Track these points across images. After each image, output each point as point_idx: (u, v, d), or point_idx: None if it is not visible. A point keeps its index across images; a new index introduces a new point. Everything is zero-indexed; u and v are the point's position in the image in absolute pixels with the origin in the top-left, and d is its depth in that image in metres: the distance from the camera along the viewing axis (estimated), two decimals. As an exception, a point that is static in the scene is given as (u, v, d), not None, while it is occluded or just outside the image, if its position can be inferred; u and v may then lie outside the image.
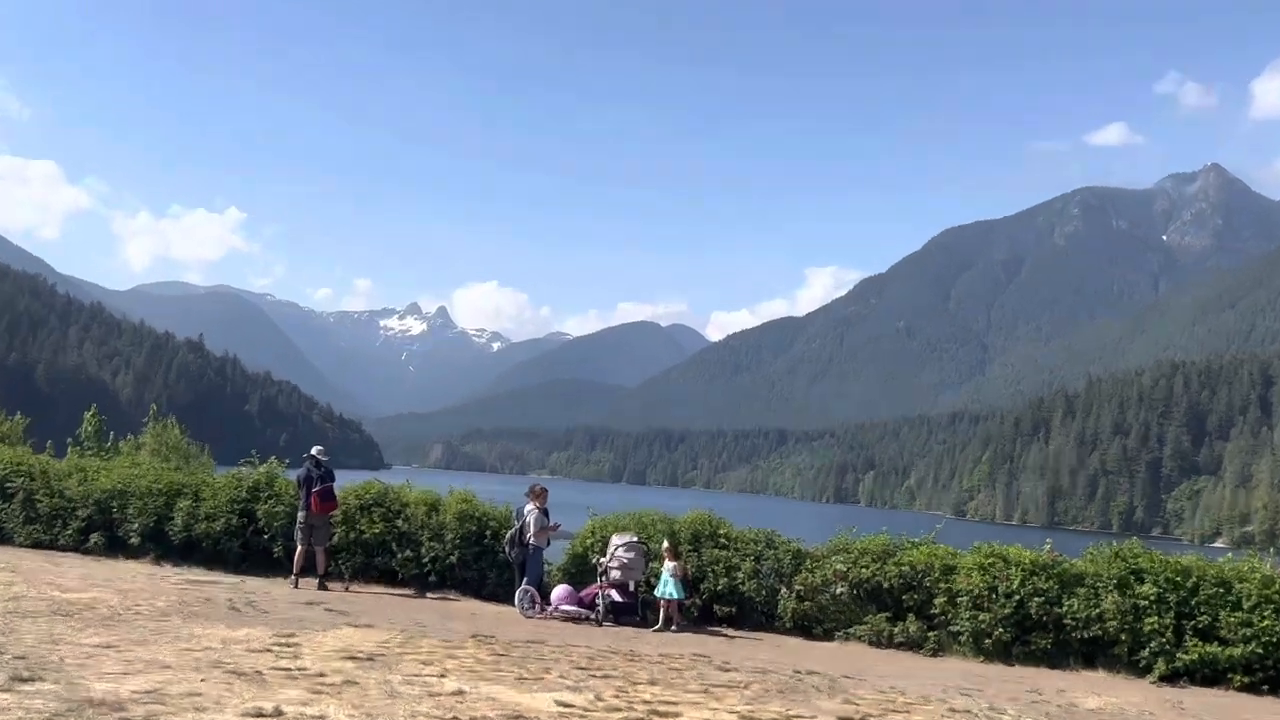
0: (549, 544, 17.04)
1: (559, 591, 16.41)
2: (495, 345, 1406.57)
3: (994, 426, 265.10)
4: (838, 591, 15.66)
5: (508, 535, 16.90)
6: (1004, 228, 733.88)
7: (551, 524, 16.99)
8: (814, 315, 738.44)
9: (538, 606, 16.09)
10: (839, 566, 15.77)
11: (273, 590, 16.43)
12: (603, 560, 16.26)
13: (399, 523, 18.20)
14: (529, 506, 16.87)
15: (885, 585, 15.42)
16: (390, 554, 18.09)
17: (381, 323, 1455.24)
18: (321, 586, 17.31)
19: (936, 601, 15.16)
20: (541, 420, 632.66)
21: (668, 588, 15.80)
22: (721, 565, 16.46)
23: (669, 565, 15.91)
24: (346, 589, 17.52)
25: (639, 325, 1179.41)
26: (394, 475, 21.46)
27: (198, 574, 17.96)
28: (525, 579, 16.46)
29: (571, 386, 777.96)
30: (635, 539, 16.56)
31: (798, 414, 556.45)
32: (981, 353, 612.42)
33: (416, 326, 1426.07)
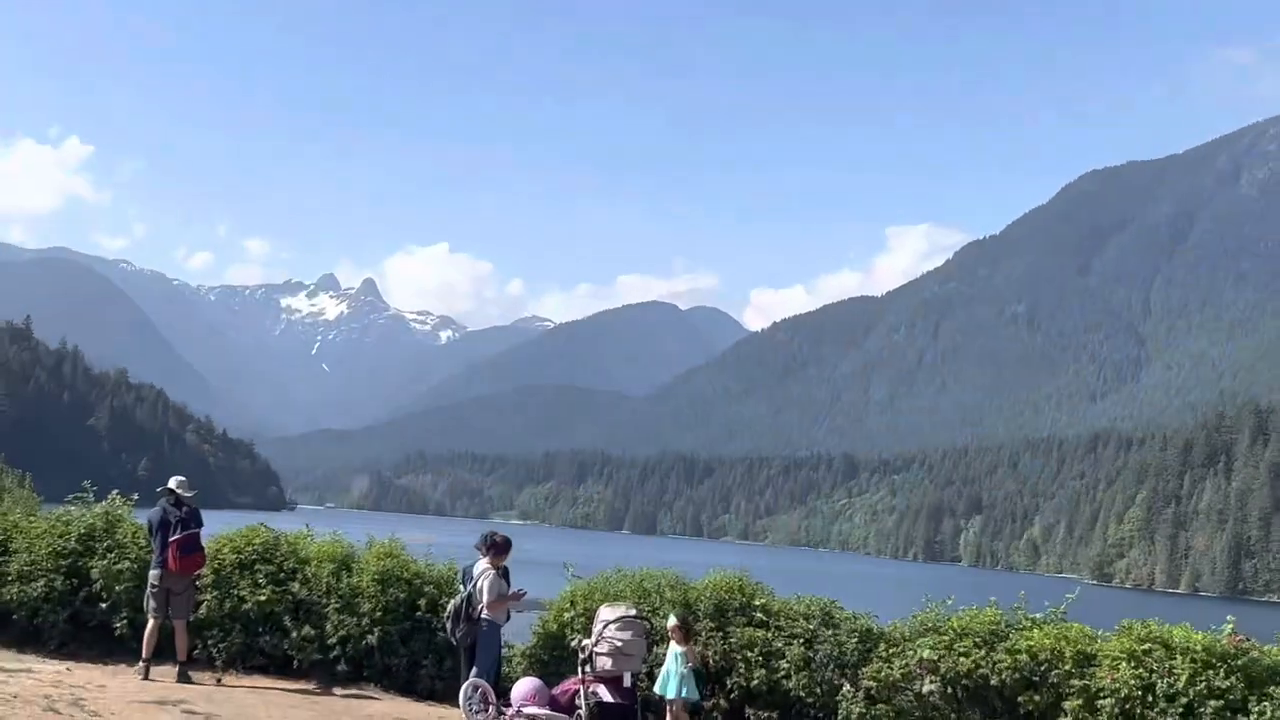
0: (509, 618, 16.85)
1: (524, 687, 16.08)
2: (445, 334, 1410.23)
3: (1152, 454, 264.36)
4: (925, 690, 15.52)
5: (450, 607, 16.64)
6: (1169, 172, 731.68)
7: (513, 590, 16.74)
8: (897, 294, 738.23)
9: (492, 708, 15.77)
10: (927, 654, 15.63)
11: (111, 683, 16.22)
12: (587, 643, 15.83)
13: (295, 586, 18.15)
14: (481, 564, 16.66)
15: (994, 682, 15.24)
16: (282, 632, 18.04)
17: (284, 302, 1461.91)
18: (183, 677, 17.22)
19: (1068, 706, 14.93)
20: (510, 442, 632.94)
21: (674, 683, 15.57)
22: (758, 651, 16.32)
23: (677, 651, 15.72)
24: (218, 681, 17.46)
25: (648, 308, 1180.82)
26: (298, 518, 21.34)
27: (4, 658, 17.79)
28: (475, 668, 16.20)
29: (553, 395, 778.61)
30: (633, 613, 16.03)
31: (873, 435, 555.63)
32: (1136, 348, 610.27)
33: (333, 308, 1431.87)
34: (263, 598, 18.02)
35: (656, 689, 15.82)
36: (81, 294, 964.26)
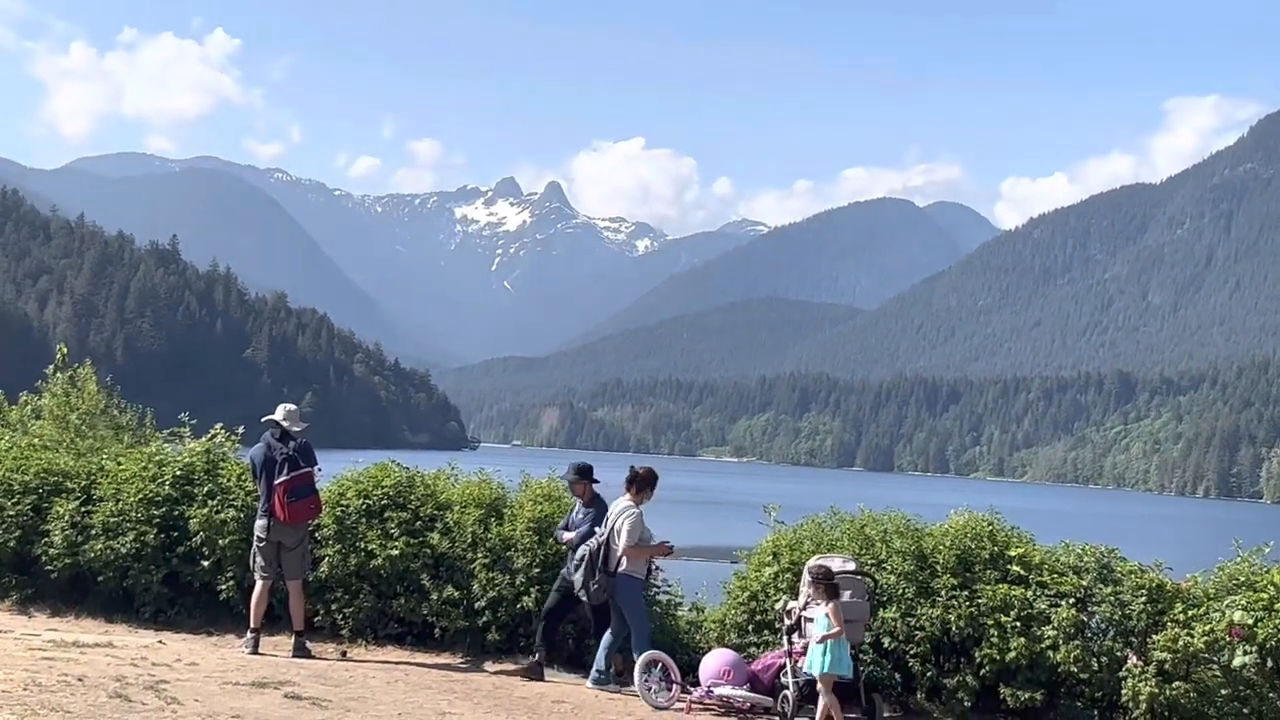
0: (651, 574, 16.98)
1: (716, 662, 16.00)
2: (642, 244, 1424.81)
3: None
4: (1236, 662, 14.71)
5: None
6: None
7: (659, 541, 16.81)
8: (1180, 180, 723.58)
9: (676, 687, 15.68)
10: (1239, 617, 14.74)
11: (208, 658, 16.00)
12: (794, 605, 15.62)
13: (434, 538, 17.92)
14: (622, 502, 16.74)
15: None
16: (420, 593, 17.83)
17: (458, 211, 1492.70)
18: (299, 650, 17.04)
19: None
20: (720, 367, 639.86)
21: (819, 657, 14.86)
22: (1016, 614, 15.67)
23: (823, 608, 14.94)
24: (343, 655, 17.36)
25: (880, 205, 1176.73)
26: (482, 458, 20.70)
27: (86, 628, 17.77)
28: (609, 634, 16.44)
29: (769, 310, 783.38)
30: (851, 567, 15.75)
31: (1153, 349, 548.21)
32: None
33: (514, 217, 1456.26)
34: (395, 552, 17.73)
35: (808, 669, 15.07)
36: (233, 209, 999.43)
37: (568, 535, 16.84)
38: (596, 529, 16.65)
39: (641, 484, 16.62)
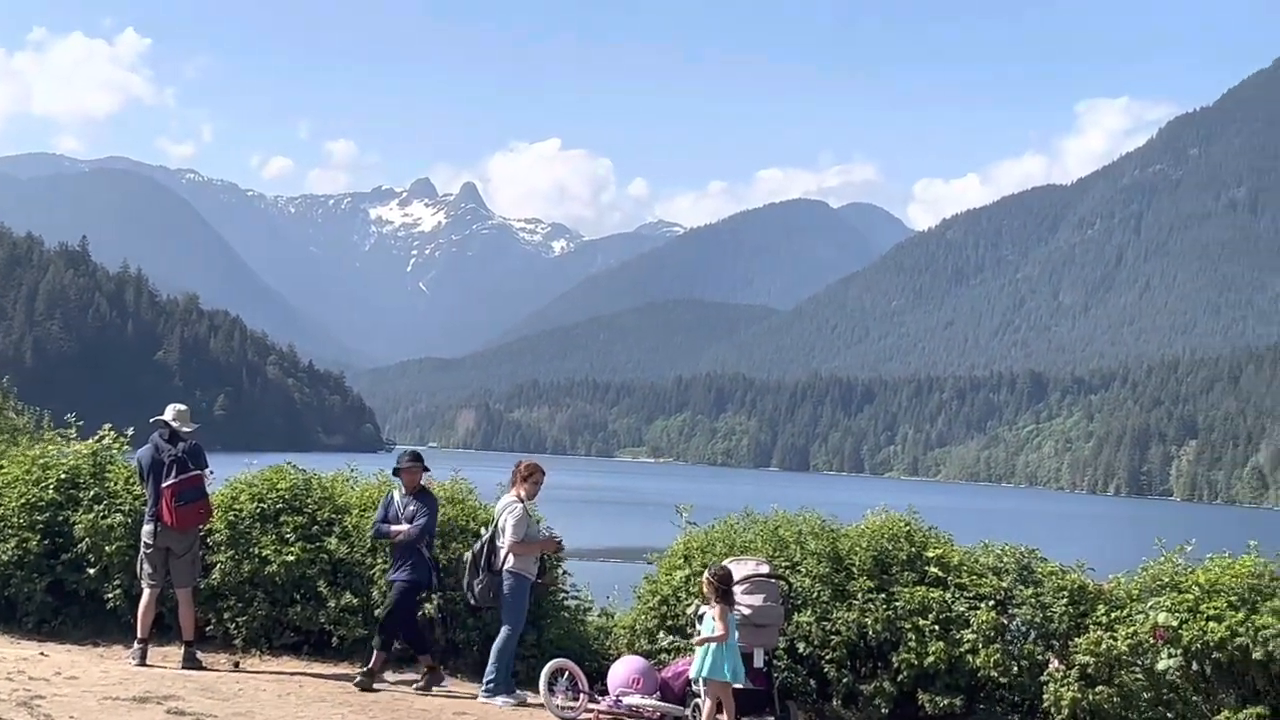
0: (542, 574, 16.46)
1: (625, 669, 15.66)
2: (558, 245, 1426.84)
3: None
4: (1160, 666, 14.66)
5: (470, 555, 16.31)
6: None
7: (546, 536, 16.52)
8: (1091, 181, 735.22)
9: (584, 696, 15.36)
10: (1164, 619, 14.67)
11: (90, 671, 15.56)
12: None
13: (332, 543, 17.46)
14: (506, 499, 16.43)
15: (1257, 654, 14.26)
16: (317, 601, 17.36)
17: (373, 212, 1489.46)
18: (190, 661, 16.62)
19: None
20: (637, 368, 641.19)
21: (698, 660, 14.50)
22: (934, 617, 15.53)
23: (708, 612, 14.58)
24: (236, 666, 16.93)
25: (795, 206, 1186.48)
26: (387, 461, 20.29)
27: None
28: (502, 632, 15.94)
29: (685, 311, 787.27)
30: (764, 570, 15.47)
31: (1064, 349, 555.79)
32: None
33: (429, 218, 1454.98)
34: (291, 558, 17.26)
35: (693, 672, 14.70)
36: (144, 209, 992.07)
37: (398, 529, 16.19)
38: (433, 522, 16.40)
39: (525, 478, 16.25)
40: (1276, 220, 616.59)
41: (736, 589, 15.02)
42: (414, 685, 16.12)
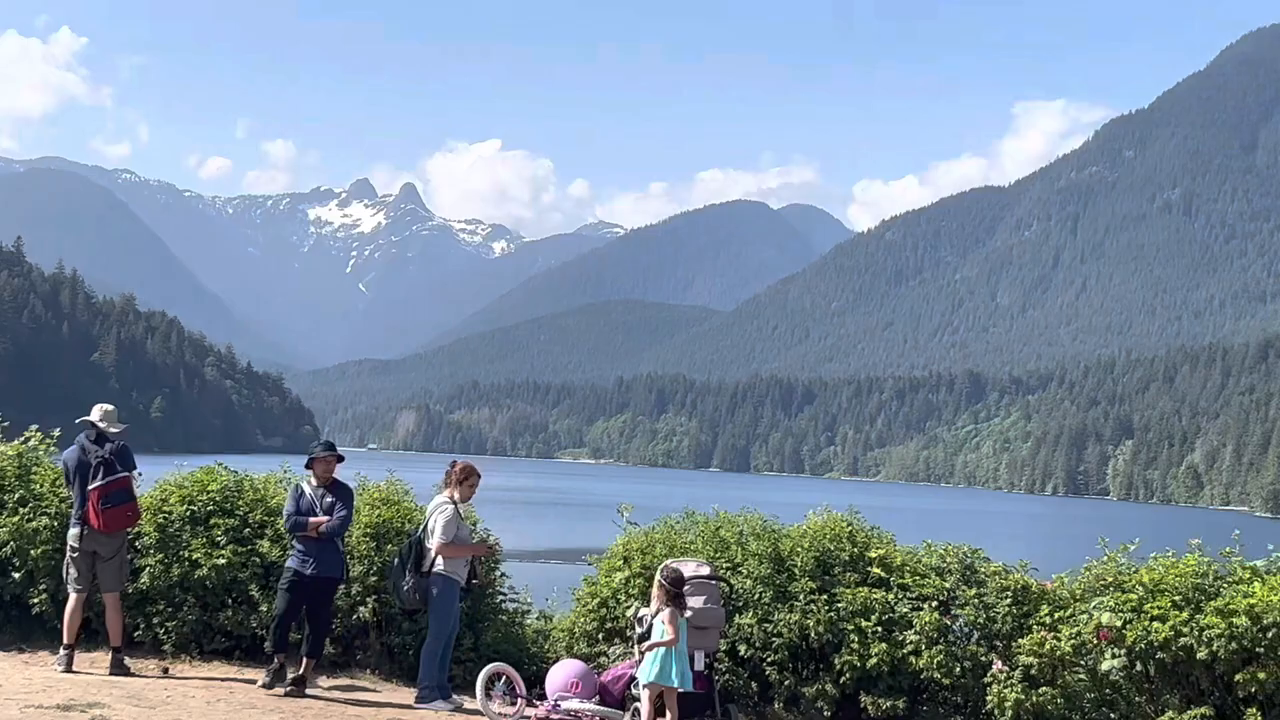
0: (473, 578, 16.29)
1: (563, 673, 15.61)
2: (499, 246, 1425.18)
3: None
4: (1104, 667, 14.62)
5: (398, 555, 16.19)
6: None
7: (479, 540, 16.70)
8: (1028, 183, 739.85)
9: (521, 701, 15.27)
10: (1107, 619, 14.56)
11: (14, 678, 15.35)
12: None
13: (264, 545, 17.20)
14: (436, 499, 16.29)
15: (1201, 654, 14.13)
16: (249, 605, 17.17)
17: (312, 213, 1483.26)
18: (118, 667, 16.26)
19: (1305, 685, 14.08)
20: (577, 369, 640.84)
21: (645, 665, 14.46)
22: (876, 618, 15.49)
23: (660, 615, 14.52)
24: (165, 672, 16.59)
25: (736, 207, 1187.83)
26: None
27: None
28: (429, 637, 15.80)
29: (625, 312, 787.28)
30: (705, 572, 15.36)
31: (1002, 350, 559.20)
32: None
33: (369, 218, 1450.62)
34: (222, 561, 17.01)
35: (643, 677, 14.59)
36: (79, 210, 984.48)
37: (317, 520, 15.86)
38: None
39: (459, 481, 16.07)
40: (1210, 222, 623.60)
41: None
42: (284, 690, 15.68)
